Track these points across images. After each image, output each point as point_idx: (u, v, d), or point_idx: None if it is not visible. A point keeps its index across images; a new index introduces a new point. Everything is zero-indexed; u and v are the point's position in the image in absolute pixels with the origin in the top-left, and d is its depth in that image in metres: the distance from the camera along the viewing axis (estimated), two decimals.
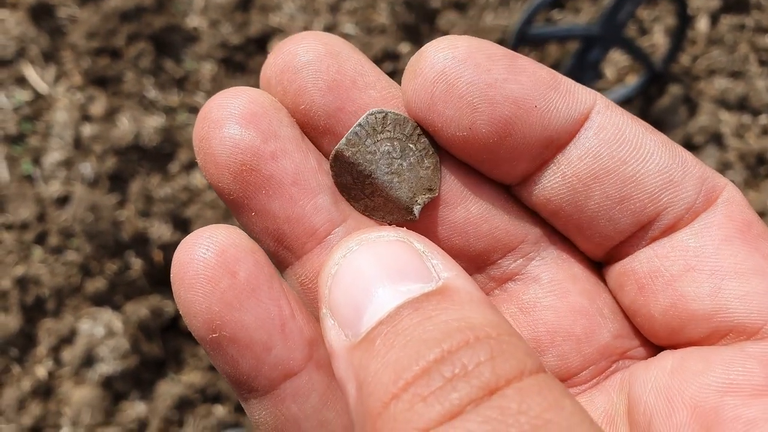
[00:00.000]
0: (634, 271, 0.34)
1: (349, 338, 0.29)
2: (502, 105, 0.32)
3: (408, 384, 0.25)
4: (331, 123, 0.34)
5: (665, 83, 1.61)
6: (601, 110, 0.33)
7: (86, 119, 1.45)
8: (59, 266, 1.34)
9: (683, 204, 0.32)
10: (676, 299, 0.32)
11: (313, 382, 0.33)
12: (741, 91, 1.60)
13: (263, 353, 0.32)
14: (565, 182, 0.33)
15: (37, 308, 1.34)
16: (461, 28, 1.57)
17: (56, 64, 1.49)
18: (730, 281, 0.31)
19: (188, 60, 1.53)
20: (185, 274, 0.32)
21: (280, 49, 0.34)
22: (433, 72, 0.32)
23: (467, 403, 0.24)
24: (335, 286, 0.30)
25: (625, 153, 0.32)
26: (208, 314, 0.31)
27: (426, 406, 0.25)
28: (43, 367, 1.31)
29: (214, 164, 0.33)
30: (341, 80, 0.34)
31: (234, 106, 0.33)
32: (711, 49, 1.66)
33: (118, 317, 1.34)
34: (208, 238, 0.32)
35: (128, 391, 1.33)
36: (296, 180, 0.34)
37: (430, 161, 0.35)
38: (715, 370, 0.30)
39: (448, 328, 0.26)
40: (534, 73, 0.32)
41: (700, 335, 0.32)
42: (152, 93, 1.49)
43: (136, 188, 1.40)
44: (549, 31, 1.48)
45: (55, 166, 1.41)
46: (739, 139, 1.58)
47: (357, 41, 1.52)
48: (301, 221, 0.34)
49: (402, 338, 0.27)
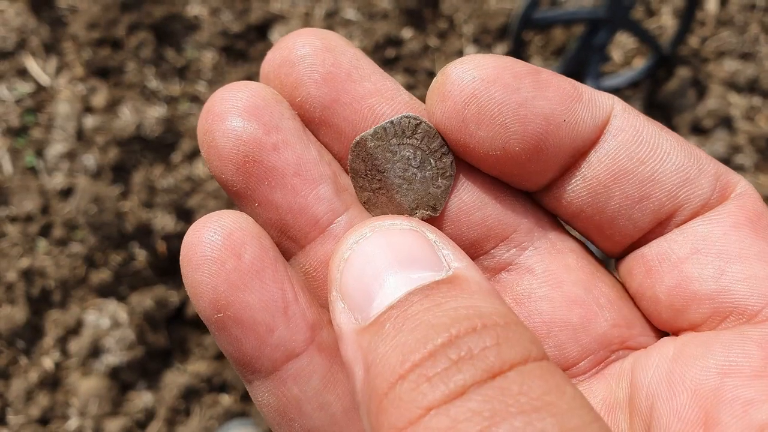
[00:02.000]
0: (643, 255, 0.35)
1: (359, 321, 0.29)
2: (534, 123, 0.32)
3: (415, 365, 0.26)
4: (327, 114, 0.35)
5: (673, 66, 1.59)
6: (618, 114, 0.33)
7: (88, 111, 1.44)
8: (64, 258, 1.35)
9: (699, 200, 0.33)
10: (681, 279, 0.33)
11: (314, 365, 0.34)
12: (751, 73, 1.57)
13: (266, 334, 0.33)
14: (587, 185, 0.34)
15: (43, 300, 1.34)
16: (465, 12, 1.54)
17: (57, 56, 1.49)
18: (734, 264, 0.32)
19: (189, 49, 1.52)
20: (193, 255, 0.33)
21: (279, 45, 0.35)
22: (463, 95, 0.33)
23: (471, 384, 0.25)
24: (347, 271, 0.31)
25: (643, 153, 0.33)
26: (214, 294, 0.32)
27: (431, 386, 0.25)
28: (50, 358, 1.31)
29: (218, 156, 0.34)
30: (336, 73, 0.34)
31: (236, 99, 0.34)
32: (720, 30, 1.62)
33: (123, 308, 1.34)
34: (216, 222, 0.33)
35: (135, 381, 1.34)
36: (298, 171, 0.34)
37: (444, 182, 0.35)
38: (715, 353, 0.31)
39: (456, 314, 0.27)
40: (559, 87, 0.33)
41: (702, 317, 0.33)
42: (153, 83, 1.48)
43: (138, 179, 1.40)
44: (554, 14, 1.45)
45: (58, 158, 1.41)
46: (750, 122, 1.56)
47: (359, 27, 1.50)
48: (304, 211, 0.35)
49: (411, 322, 0.27)
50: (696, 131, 1.54)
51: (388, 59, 1.50)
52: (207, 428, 1.31)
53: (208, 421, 1.32)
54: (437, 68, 1.51)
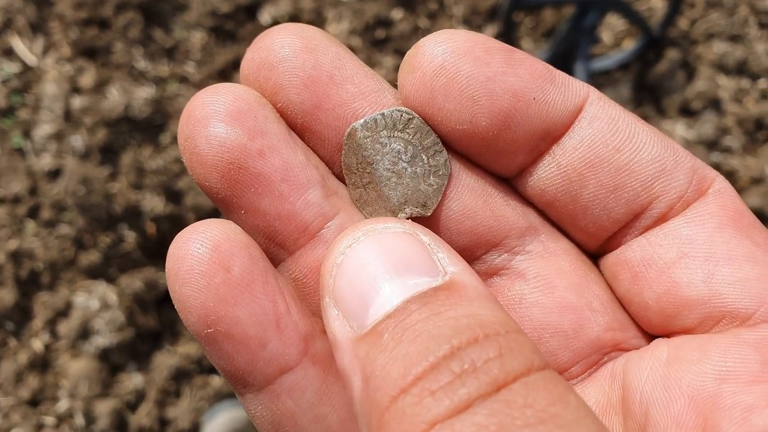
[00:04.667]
0: (627, 260, 0.34)
1: (354, 330, 0.29)
2: (502, 98, 0.32)
3: (417, 379, 0.25)
4: (308, 121, 0.34)
5: (663, 48, 1.59)
6: (594, 101, 0.33)
7: (76, 91, 1.43)
8: (53, 240, 1.34)
9: (675, 193, 0.33)
10: (670, 286, 0.33)
11: (308, 377, 0.33)
12: (740, 55, 1.58)
13: (258, 348, 0.32)
14: (560, 172, 0.33)
15: (32, 282, 1.34)
16: None
17: (44, 36, 1.47)
18: (723, 267, 0.32)
19: (177, 29, 1.51)
20: (180, 269, 0.31)
21: (258, 44, 0.34)
22: (432, 66, 0.32)
23: (475, 398, 0.25)
24: (340, 276, 0.30)
25: (618, 141, 0.33)
26: (203, 309, 0.31)
27: (434, 400, 0.25)
28: (40, 340, 1.31)
29: (201, 164, 0.33)
30: (317, 76, 0.33)
31: (218, 103, 0.33)
32: (710, 12, 1.63)
33: (112, 290, 1.34)
34: (202, 233, 0.32)
35: (125, 362, 1.33)
36: (285, 176, 0.33)
37: (436, 181, 0.35)
38: (712, 358, 0.31)
39: (457, 324, 0.27)
40: (531, 66, 0.32)
41: (694, 322, 0.32)
42: (142, 63, 1.47)
43: (127, 160, 1.39)
44: None
45: (45, 139, 1.39)
46: (738, 104, 1.56)
47: (349, 8, 1.50)
48: (292, 218, 0.34)
49: (411, 333, 0.27)
50: (685, 113, 1.55)
51: (378, 40, 1.50)
52: (197, 409, 1.32)
53: (198, 403, 1.32)
54: None
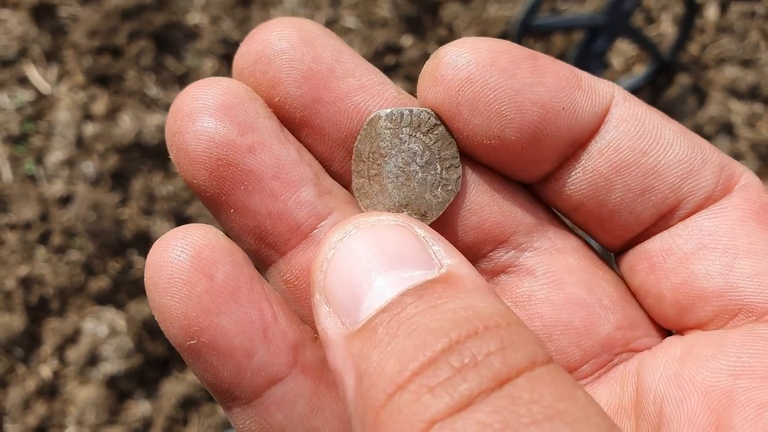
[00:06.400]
0: (646, 251, 0.33)
1: (347, 326, 0.27)
2: (531, 111, 0.31)
3: (414, 374, 0.24)
4: (308, 114, 0.33)
5: (674, 73, 1.59)
6: (619, 102, 0.32)
7: (88, 118, 1.45)
8: (63, 266, 1.34)
9: (703, 193, 0.32)
10: (687, 277, 0.32)
11: (299, 388, 0.32)
12: (752, 80, 1.57)
13: (245, 360, 0.30)
14: (587, 177, 0.32)
15: (41, 308, 1.34)
16: (464, 19, 1.55)
17: (58, 64, 1.49)
18: (742, 260, 0.31)
19: (189, 57, 1.53)
20: (159, 278, 0.30)
21: (253, 37, 0.33)
22: (457, 79, 0.31)
23: (477, 394, 0.23)
24: (331, 271, 0.28)
25: (645, 144, 0.32)
26: (185, 320, 0.30)
27: (433, 397, 0.23)
28: (48, 366, 1.31)
29: (188, 160, 0.31)
30: (317, 69, 0.32)
31: (207, 97, 0.31)
32: (721, 37, 1.63)
33: (121, 316, 1.34)
34: (183, 239, 0.30)
35: (133, 390, 1.33)
36: (277, 174, 0.32)
37: (443, 194, 0.34)
38: (726, 353, 0.30)
39: (455, 317, 0.25)
40: (558, 73, 0.31)
41: (709, 315, 0.32)
42: (154, 90, 1.48)
43: (138, 186, 1.40)
44: (553, 21, 1.45)
45: (57, 166, 1.41)
46: (751, 128, 1.55)
47: (358, 35, 1.51)
48: (284, 217, 0.32)
49: (406, 327, 0.25)
50: None
51: (388, 66, 1.51)
52: None
53: (206, 431, 1.31)
54: None
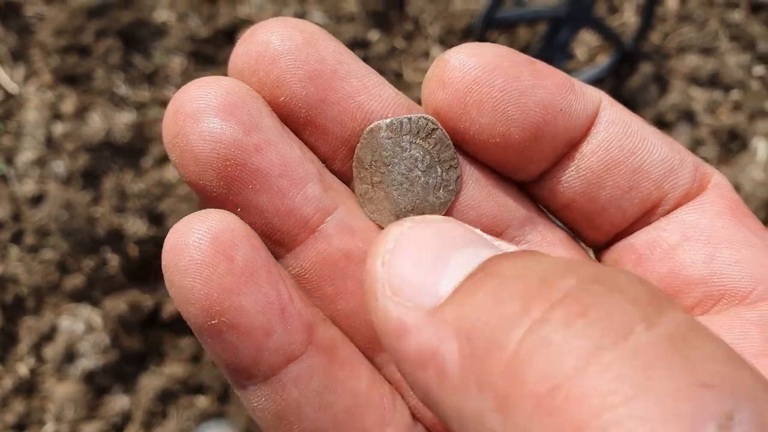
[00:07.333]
0: (632, 245, 0.35)
1: (426, 305, 0.26)
2: (534, 111, 0.32)
3: (552, 307, 0.22)
4: (313, 114, 0.33)
5: (636, 62, 1.62)
6: (606, 107, 0.34)
7: (57, 117, 1.45)
8: (36, 264, 1.35)
9: (682, 189, 0.34)
10: (673, 266, 0.34)
11: (314, 365, 0.32)
12: (712, 68, 1.61)
13: (264, 338, 0.31)
14: (580, 175, 0.34)
15: (17, 307, 1.35)
16: (430, 14, 1.56)
17: (25, 63, 1.49)
18: (723, 250, 0.33)
19: (157, 54, 1.53)
20: (180, 260, 0.30)
21: (252, 38, 0.33)
22: (465, 81, 0.32)
23: (636, 322, 0.22)
24: (396, 260, 0.27)
25: (632, 144, 0.34)
26: (207, 301, 0.30)
27: (588, 324, 0.21)
28: (25, 364, 1.32)
29: (195, 161, 0.31)
30: (322, 70, 0.32)
31: (210, 97, 0.31)
32: (681, 26, 1.66)
33: (97, 313, 1.35)
34: (201, 223, 0.31)
35: (110, 385, 1.35)
36: (283, 171, 0.32)
37: (444, 195, 0.35)
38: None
39: (557, 264, 0.24)
40: (554, 77, 0.33)
41: (694, 301, 0.34)
42: (122, 89, 1.49)
43: (109, 184, 1.41)
44: (516, 14, 1.48)
45: (28, 165, 1.41)
46: (711, 115, 1.59)
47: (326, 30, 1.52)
48: (292, 213, 0.33)
49: (510, 272, 0.24)
50: (659, 125, 1.57)
51: None
52: (183, 430, 1.33)
53: (185, 423, 1.33)
54: (404, 69, 1.53)
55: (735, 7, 1.66)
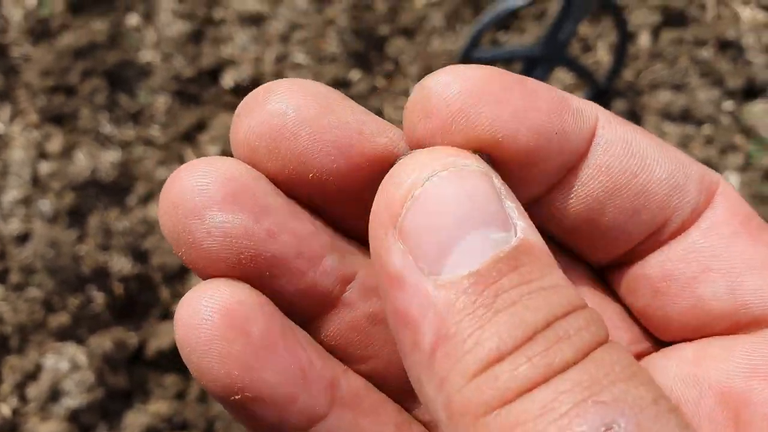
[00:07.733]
0: (646, 276, 0.34)
1: (425, 273, 0.26)
2: (526, 137, 0.30)
3: (515, 348, 0.25)
4: (347, 184, 0.31)
5: (610, 98, 1.67)
6: (605, 124, 0.32)
7: (43, 156, 1.47)
8: (21, 303, 1.36)
9: (689, 207, 0.33)
10: (696, 301, 0.33)
11: (339, 422, 0.32)
12: (683, 103, 1.66)
13: (288, 405, 0.30)
14: (579, 201, 0.33)
15: (1, 346, 1.35)
16: (410, 54, 1.61)
17: (11, 104, 1.51)
18: (745, 277, 0.32)
19: (142, 94, 1.56)
20: (196, 339, 0.29)
21: (263, 109, 0.30)
22: (450, 111, 0.29)
23: (572, 362, 0.25)
24: (416, 212, 0.27)
25: (634, 166, 0.32)
26: (228, 379, 0.29)
27: (532, 366, 0.24)
28: (8, 405, 1.32)
29: (204, 258, 0.30)
30: (349, 135, 0.31)
31: (210, 188, 0.29)
32: (653, 63, 1.72)
33: (82, 351, 1.36)
34: (212, 297, 0.29)
35: (95, 423, 1.35)
36: (299, 251, 0.31)
37: None
38: (738, 356, 0.31)
39: (548, 296, 0.26)
40: (548, 96, 0.31)
41: (720, 330, 0.33)
42: (108, 128, 1.51)
43: (94, 223, 1.42)
44: (492, 54, 1.52)
45: (13, 204, 1.42)
46: (684, 149, 1.64)
47: (308, 70, 1.56)
48: (312, 290, 0.32)
49: (503, 302, 0.25)
50: None
51: None
52: None
53: None
54: (385, 107, 1.56)
55: (704, 44, 1.72)
